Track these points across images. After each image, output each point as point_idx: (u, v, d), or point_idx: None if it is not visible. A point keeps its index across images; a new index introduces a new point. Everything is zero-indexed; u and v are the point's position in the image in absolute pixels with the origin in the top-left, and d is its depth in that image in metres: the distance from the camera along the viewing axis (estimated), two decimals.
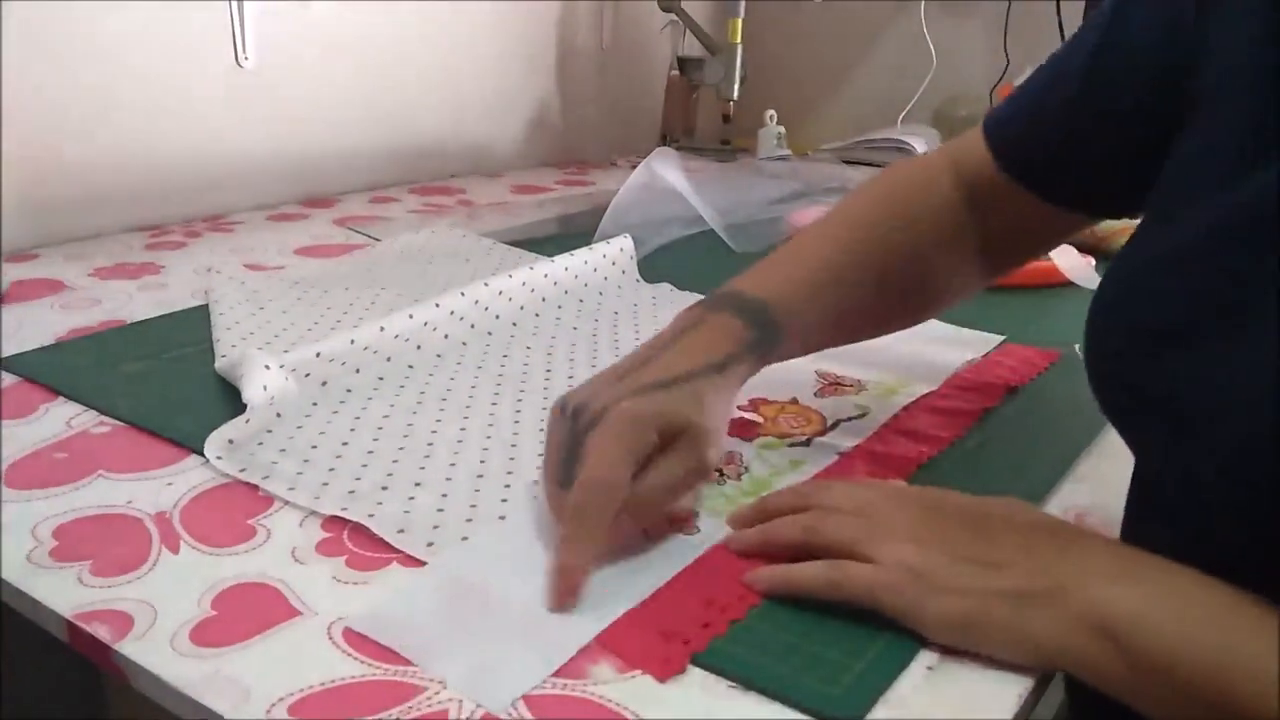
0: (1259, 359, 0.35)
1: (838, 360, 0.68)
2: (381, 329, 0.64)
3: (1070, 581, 0.37)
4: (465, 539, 0.45)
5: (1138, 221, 0.46)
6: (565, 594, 0.41)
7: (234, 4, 1.04)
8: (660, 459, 0.44)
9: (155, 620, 0.39)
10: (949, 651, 0.38)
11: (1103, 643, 0.35)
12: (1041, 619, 0.37)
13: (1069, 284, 0.89)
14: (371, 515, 0.46)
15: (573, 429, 0.45)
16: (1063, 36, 1.51)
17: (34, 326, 0.71)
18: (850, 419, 0.59)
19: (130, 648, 0.37)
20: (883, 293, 0.56)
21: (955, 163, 0.57)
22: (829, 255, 0.55)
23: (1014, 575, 0.38)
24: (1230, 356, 0.36)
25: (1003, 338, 0.74)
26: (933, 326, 0.76)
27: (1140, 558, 0.38)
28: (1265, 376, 0.35)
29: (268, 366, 0.57)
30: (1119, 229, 1.00)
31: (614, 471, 0.42)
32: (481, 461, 0.53)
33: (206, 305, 0.75)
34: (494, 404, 0.61)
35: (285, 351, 0.60)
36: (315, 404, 0.58)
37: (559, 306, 0.78)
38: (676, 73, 1.58)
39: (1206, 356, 0.37)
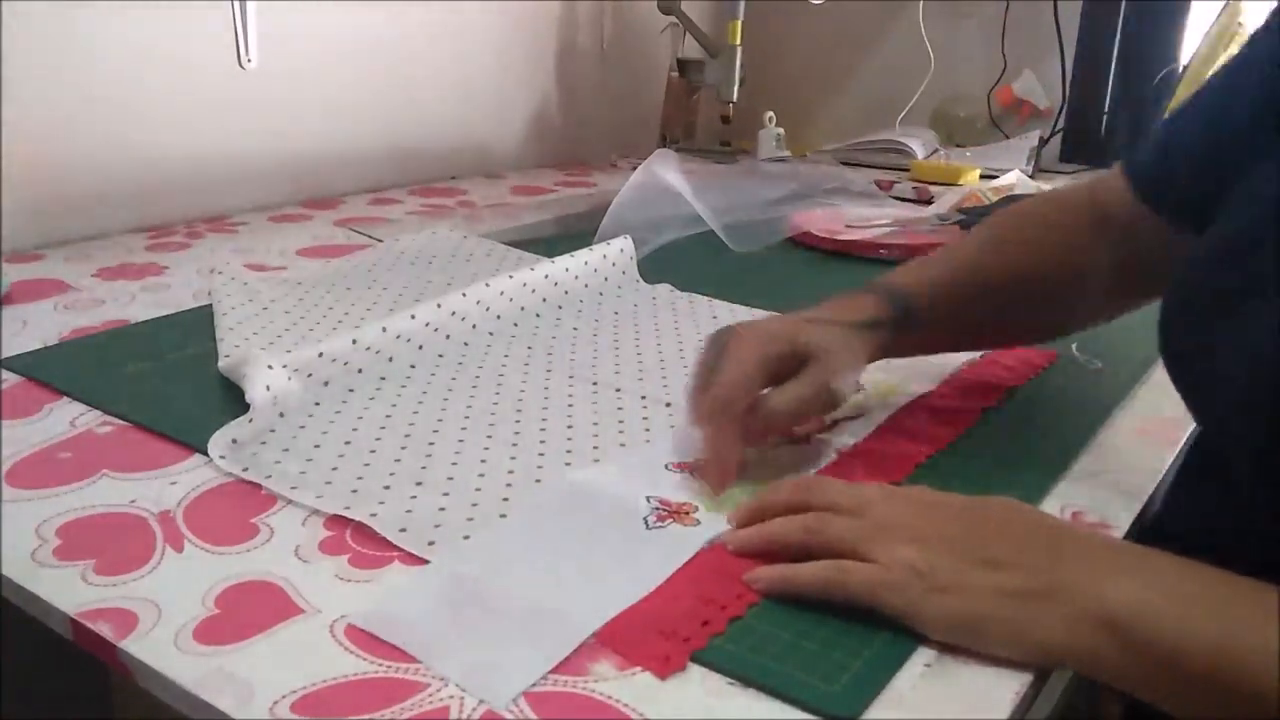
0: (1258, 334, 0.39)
1: None
2: (383, 329, 0.64)
3: (1071, 579, 0.38)
4: (467, 538, 0.46)
5: None
6: (721, 478, 0.49)
7: (237, 6, 1.04)
8: (791, 381, 0.52)
9: (159, 618, 0.39)
10: (947, 649, 0.39)
11: (1107, 637, 0.36)
12: (1044, 617, 0.37)
13: None
14: (374, 514, 0.47)
15: (716, 343, 0.53)
16: (1060, 38, 1.52)
17: (37, 327, 0.71)
18: (849, 419, 0.60)
19: (134, 646, 0.38)
20: (1013, 309, 0.60)
21: (1094, 196, 0.60)
22: (970, 267, 0.60)
23: (1014, 574, 0.39)
24: (1245, 328, 0.41)
25: None
26: None
27: (1138, 552, 0.39)
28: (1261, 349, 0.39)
29: (270, 366, 0.57)
30: None
31: (746, 369, 0.51)
32: (483, 461, 0.53)
33: (209, 306, 0.75)
34: (495, 404, 0.61)
35: (288, 351, 0.60)
36: (318, 404, 0.59)
37: (559, 307, 0.78)
38: (676, 74, 1.58)
39: (1230, 325, 0.42)
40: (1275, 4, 0.48)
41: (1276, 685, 0.32)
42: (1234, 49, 1.30)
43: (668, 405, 0.62)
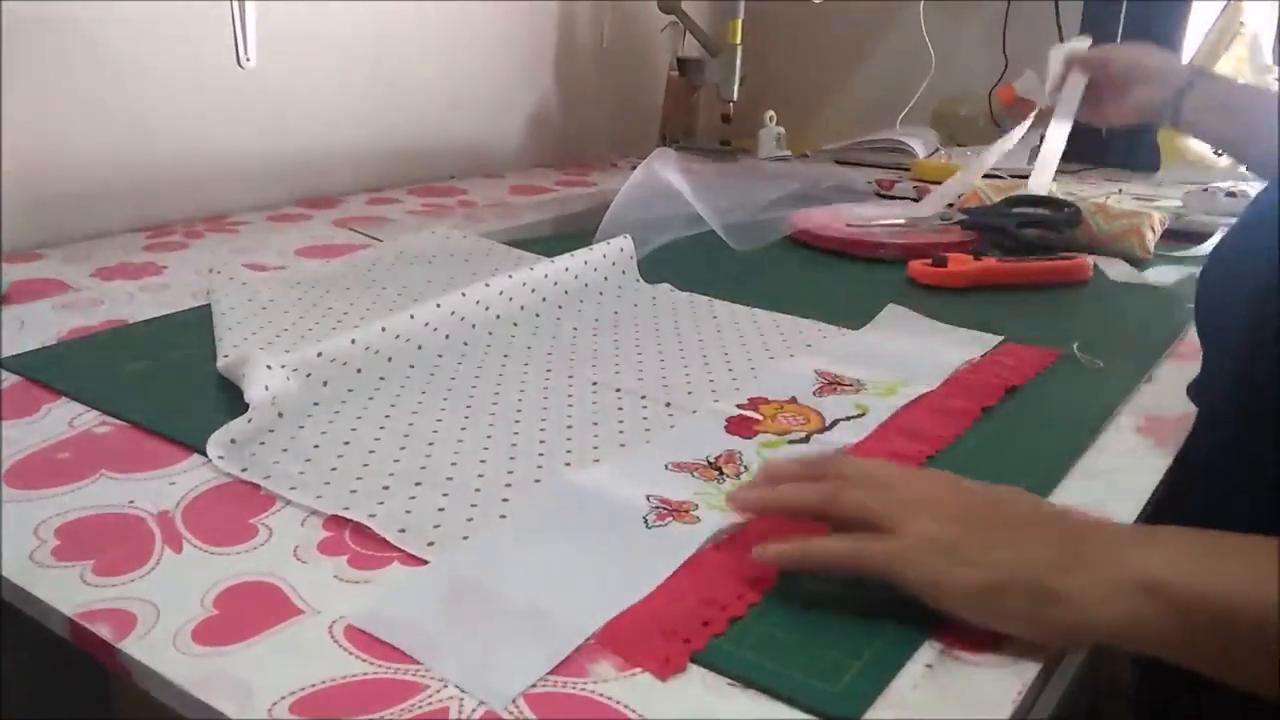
0: None
1: (837, 360, 0.68)
2: (382, 329, 0.64)
3: (1095, 550, 0.37)
4: (466, 538, 0.45)
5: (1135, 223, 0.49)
6: None
7: (236, 4, 1.04)
8: None
9: (158, 619, 0.39)
10: (949, 649, 0.39)
11: (1148, 600, 0.35)
12: (1072, 588, 0.36)
13: (1070, 284, 0.89)
14: (373, 515, 0.47)
15: None
16: (1061, 36, 1.52)
17: (36, 326, 0.71)
18: (850, 418, 0.59)
19: (133, 647, 0.38)
20: None
21: None
22: None
23: (1036, 548, 0.38)
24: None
25: (1002, 337, 0.74)
26: (932, 326, 0.76)
27: (1150, 528, 0.39)
28: None
29: (269, 366, 0.57)
30: (1119, 231, 1.00)
31: None
32: (482, 461, 0.53)
33: (208, 305, 0.75)
34: (494, 404, 0.61)
35: (287, 351, 0.60)
36: (317, 404, 0.59)
37: (559, 307, 0.78)
38: (676, 73, 1.58)
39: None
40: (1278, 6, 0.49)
41: None
42: (1236, 49, 1.29)
43: (668, 405, 0.61)
